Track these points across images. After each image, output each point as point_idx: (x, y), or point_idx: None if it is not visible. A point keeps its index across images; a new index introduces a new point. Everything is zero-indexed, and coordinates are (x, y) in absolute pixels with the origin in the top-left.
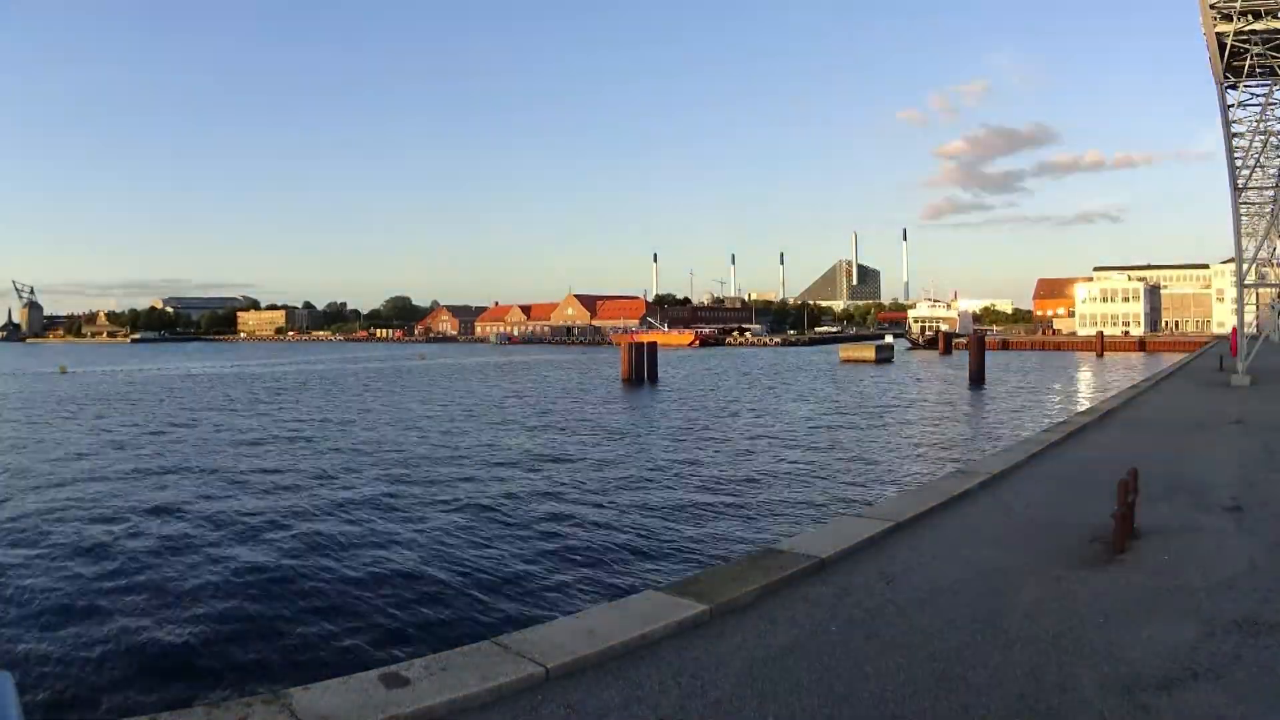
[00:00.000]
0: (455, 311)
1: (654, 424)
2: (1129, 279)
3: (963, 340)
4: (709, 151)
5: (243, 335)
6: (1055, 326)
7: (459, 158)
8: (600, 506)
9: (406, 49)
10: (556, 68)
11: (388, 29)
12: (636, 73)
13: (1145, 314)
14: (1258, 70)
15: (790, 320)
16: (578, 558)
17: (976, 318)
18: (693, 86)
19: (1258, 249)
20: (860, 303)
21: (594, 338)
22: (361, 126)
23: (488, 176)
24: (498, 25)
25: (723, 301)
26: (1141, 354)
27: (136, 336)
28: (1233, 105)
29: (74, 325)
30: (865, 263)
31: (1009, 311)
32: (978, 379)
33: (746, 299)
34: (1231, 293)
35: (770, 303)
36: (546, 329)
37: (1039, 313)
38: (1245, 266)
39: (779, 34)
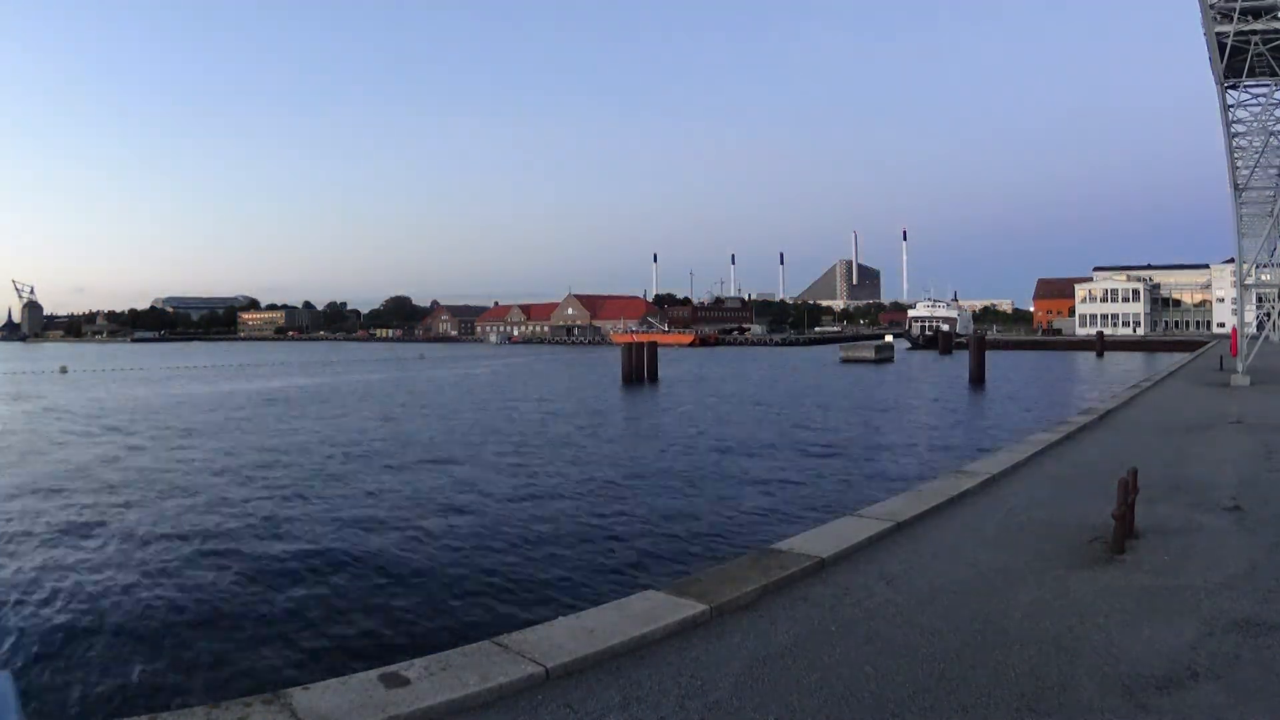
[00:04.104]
0: (455, 311)
1: (653, 423)
2: (1128, 279)
3: (963, 340)
4: (709, 151)
5: (243, 335)
6: (1056, 326)
7: (459, 157)
8: (600, 506)
9: (405, 49)
10: (556, 67)
11: (386, 29)
12: (637, 72)
13: (1145, 314)
14: (1258, 70)
15: (790, 320)
16: (578, 558)
17: (976, 317)
18: (693, 86)
19: (1258, 249)
20: (860, 303)
21: (594, 338)
22: (361, 126)
23: (487, 176)
24: (497, 25)
25: (723, 301)
26: (1141, 354)
27: (136, 336)
28: (1233, 105)
29: (74, 325)
30: (865, 263)
31: (1009, 311)
32: (978, 379)
33: (746, 299)
34: (1231, 293)
35: (770, 303)
36: (546, 329)
37: (1039, 313)
38: (1245, 266)
39: (779, 33)
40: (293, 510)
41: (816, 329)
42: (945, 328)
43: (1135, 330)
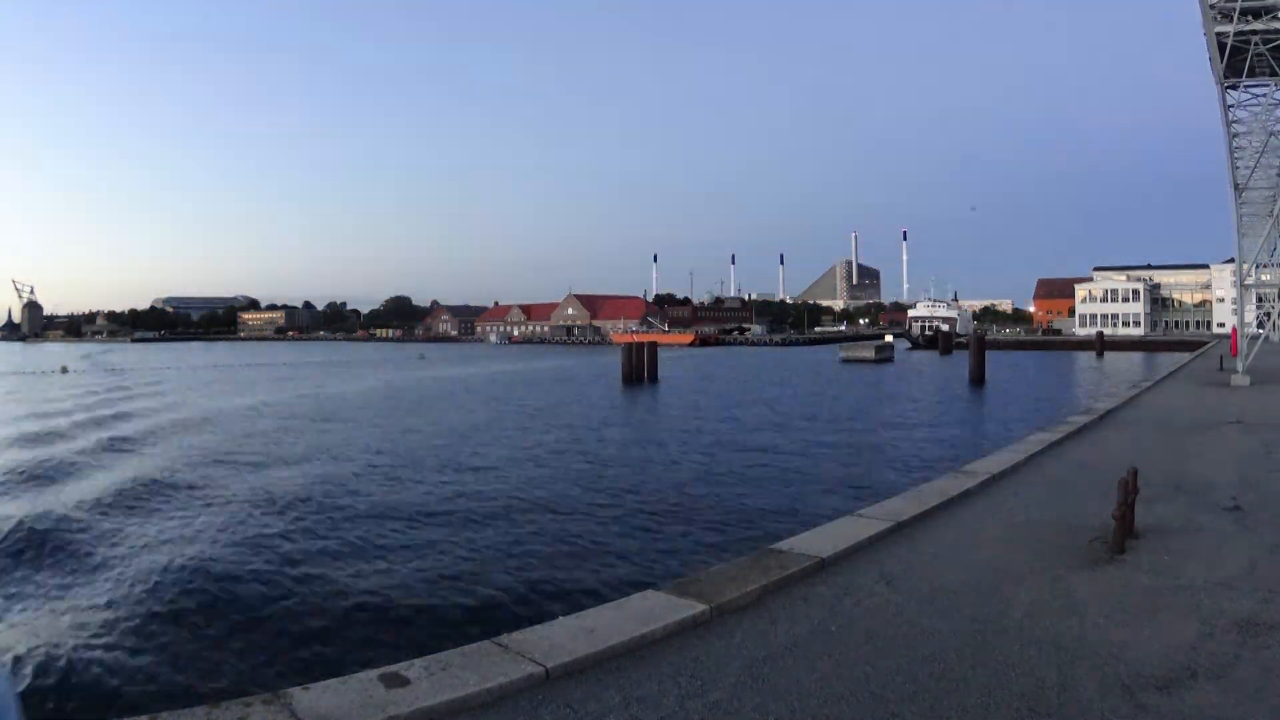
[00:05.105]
0: (455, 311)
1: (653, 424)
2: (1129, 279)
3: (963, 340)
4: (709, 151)
5: (243, 335)
6: (1056, 326)
7: (459, 157)
8: (600, 506)
9: (406, 48)
10: (556, 67)
11: (385, 29)
12: (636, 72)
13: (1145, 314)
14: (1258, 70)
15: (790, 320)
16: (578, 558)
17: (976, 317)
18: (693, 87)
19: (1258, 249)
20: (860, 303)
21: (594, 338)
22: (361, 126)
23: (487, 176)
24: (497, 24)
25: (723, 301)
26: (1141, 354)
27: (136, 336)
28: (1233, 105)
29: (74, 325)
30: (865, 263)
31: (1009, 311)
32: (978, 379)
33: (746, 299)
34: (1231, 293)
35: (770, 303)
36: (546, 329)
37: (1039, 313)
38: (1245, 266)
39: (778, 32)
40: (291, 509)
41: (816, 329)
42: (945, 328)
43: (1136, 329)
